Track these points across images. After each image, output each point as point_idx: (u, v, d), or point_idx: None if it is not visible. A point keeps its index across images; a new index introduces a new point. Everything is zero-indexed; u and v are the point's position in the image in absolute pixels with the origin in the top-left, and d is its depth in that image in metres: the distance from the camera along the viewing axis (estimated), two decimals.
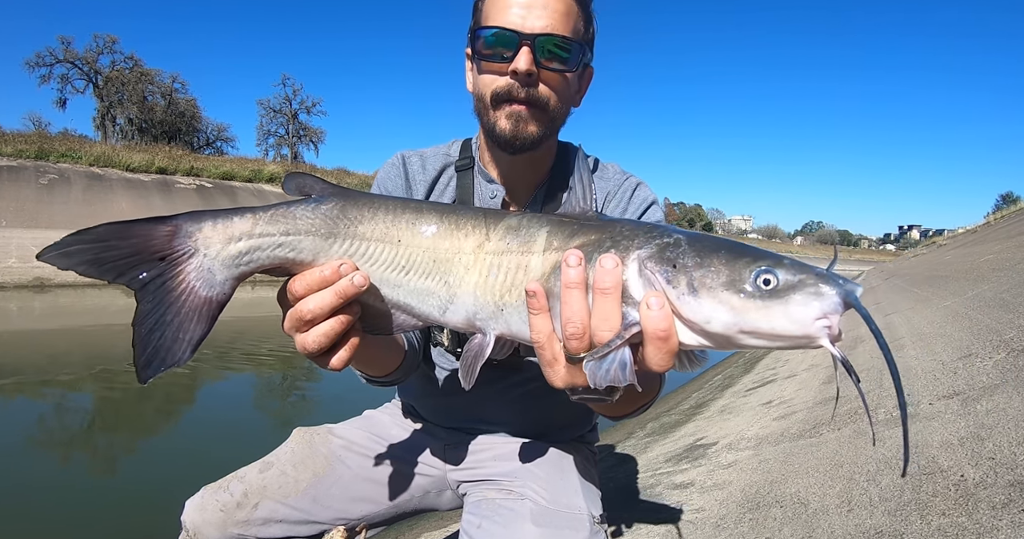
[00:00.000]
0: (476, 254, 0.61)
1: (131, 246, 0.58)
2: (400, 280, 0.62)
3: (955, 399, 2.06)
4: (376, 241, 0.62)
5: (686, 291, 0.50)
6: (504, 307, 0.60)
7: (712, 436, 2.87)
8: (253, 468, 1.06)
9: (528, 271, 0.58)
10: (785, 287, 0.47)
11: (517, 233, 0.60)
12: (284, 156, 32.32)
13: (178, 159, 18.77)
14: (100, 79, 27.16)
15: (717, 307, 0.49)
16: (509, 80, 0.89)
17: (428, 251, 0.61)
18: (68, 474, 3.14)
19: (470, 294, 0.61)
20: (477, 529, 0.96)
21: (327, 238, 0.61)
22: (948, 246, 16.95)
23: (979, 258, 7.62)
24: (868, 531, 1.34)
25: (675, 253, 0.52)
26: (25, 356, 6.03)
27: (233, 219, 0.60)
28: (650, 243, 0.53)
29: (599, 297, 0.52)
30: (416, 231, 0.62)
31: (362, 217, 0.62)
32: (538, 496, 0.97)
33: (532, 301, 0.55)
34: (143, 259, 0.58)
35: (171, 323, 0.58)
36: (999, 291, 4.16)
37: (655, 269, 0.52)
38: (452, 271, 0.61)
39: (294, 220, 0.61)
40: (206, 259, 0.59)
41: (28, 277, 11.40)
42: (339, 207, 0.62)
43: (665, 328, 0.49)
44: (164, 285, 0.58)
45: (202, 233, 0.59)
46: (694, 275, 0.50)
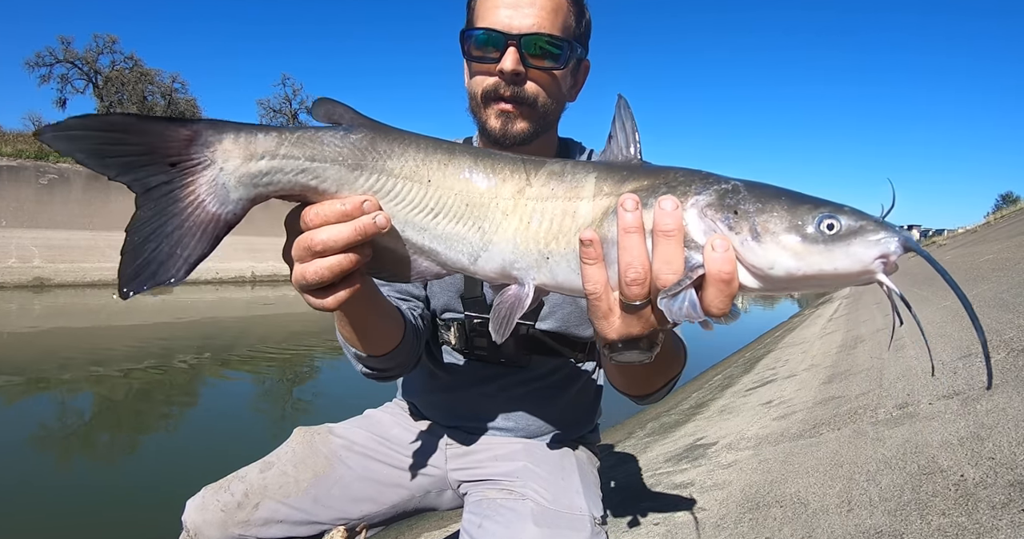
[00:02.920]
0: (516, 199, 0.57)
1: (142, 144, 0.52)
2: (427, 223, 0.58)
3: (955, 399, 2.06)
4: (404, 179, 0.58)
5: (749, 237, 0.50)
6: (550, 255, 0.57)
7: (712, 436, 2.87)
8: (254, 468, 1.06)
9: (576, 217, 0.56)
10: (847, 232, 0.48)
11: (562, 178, 0.57)
12: None
13: None
14: (100, 79, 27.16)
15: (781, 252, 0.49)
16: (497, 79, 0.90)
17: (461, 194, 0.58)
18: (68, 474, 3.14)
19: (509, 241, 0.57)
20: (478, 529, 0.96)
21: (353, 169, 0.57)
22: (948, 246, 16.95)
23: (979, 258, 7.63)
24: (868, 531, 1.34)
25: (735, 199, 0.51)
26: (25, 356, 6.03)
27: (258, 135, 0.55)
28: (708, 188, 0.52)
29: (661, 239, 0.51)
30: (448, 172, 0.58)
31: (392, 152, 0.58)
32: (539, 496, 0.97)
33: (587, 250, 0.53)
34: (153, 160, 0.53)
35: (170, 235, 0.53)
36: (999, 291, 4.16)
37: (716, 215, 0.51)
38: (488, 216, 0.58)
39: (321, 145, 0.56)
40: (222, 173, 0.54)
41: (28, 277, 11.40)
42: (369, 138, 0.58)
43: (729, 270, 0.49)
44: (171, 193, 0.53)
45: (222, 145, 0.54)
46: (756, 221, 0.50)
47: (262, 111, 33.81)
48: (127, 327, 8.14)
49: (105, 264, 12.70)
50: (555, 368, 1.08)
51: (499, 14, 0.88)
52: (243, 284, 14.17)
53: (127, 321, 8.69)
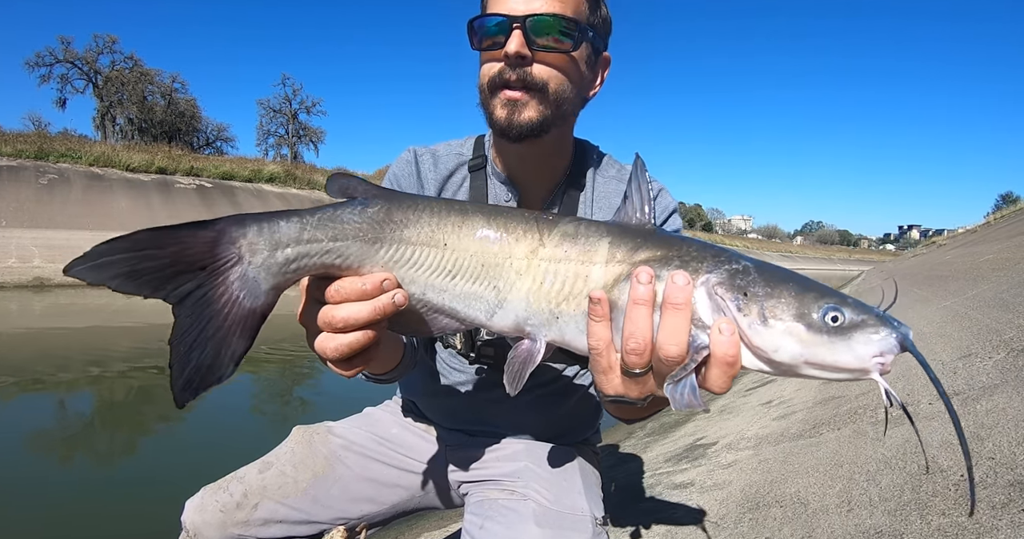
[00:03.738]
0: (529, 259, 0.59)
1: (169, 255, 0.53)
2: (446, 284, 0.61)
3: (955, 399, 2.06)
4: (422, 245, 0.60)
5: (756, 320, 0.51)
6: (560, 315, 0.59)
7: (712, 436, 2.87)
8: (252, 468, 1.06)
9: (588, 281, 0.58)
10: (850, 325, 0.50)
11: (575, 241, 0.59)
12: (284, 156, 32.30)
13: (178, 159, 18.74)
14: (100, 79, 27.15)
15: (786, 338, 0.51)
16: (503, 65, 0.86)
17: (476, 255, 0.60)
18: (67, 474, 3.14)
19: (522, 300, 0.60)
20: (479, 530, 0.96)
21: (373, 243, 0.59)
22: (948, 246, 16.95)
23: (979, 258, 7.62)
24: (868, 531, 1.34)
25: (745, 281, 0.53)
26: (25, 356, 6.03)
27: (280, 224, 0.56)
28: (719, 268, 0.54)
29: (669, 312, 0.52)
30: (462, 234, 0.60)
31: (407, 220, 0.60)
32: (541, 497, 0.97)
33: (595, 308, 0.55)
34: (182, 269, 0.53)
35: (212, 338, 0.54)
36: (999, 291, 4.16)
37: (726, 295, 0.52)
38: (502, 276, 0.60)
39: (342, 224, 0.58)
40: (251, 267, 0.55)
41: (28, 277, 11.39)
42: (384, 210, 0.59)
43: (734, 354, 0.51)
44: (205, 297, 0.54)
45: (247, 239, 0.55)
46: (765, 305, 0.51)
47: (262, 111, 33.80)
48: (127, 327, 8.13)
49: None
50: (558, 376, 1.07)
51: (507, 3, 0.85)
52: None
53: (127, 321, 8.68)
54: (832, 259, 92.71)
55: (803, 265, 70.84)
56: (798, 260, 77.77)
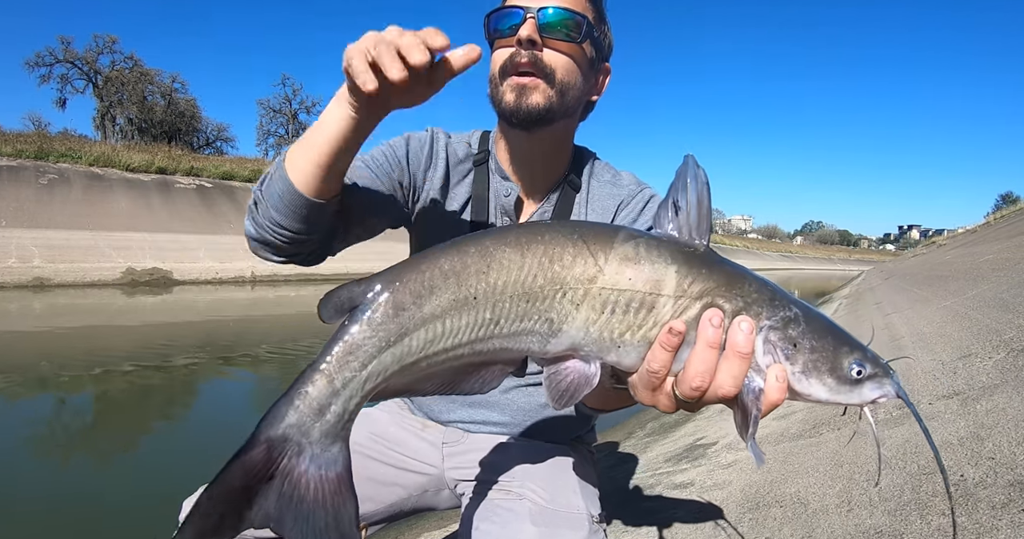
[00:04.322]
0: (587, 288, 0.55)
1: (239, 490, 0.52)
2: (492, 333, 0.56)
3: (955, 399, 2.06)
4: (451, 313, 0.54)
5: (799, 370, 0.57)
6: (621, 344, 0.57)
7: (712, 436, 2.87)
8: None
9: (655, 313, 0.56)
10: (865, 377, 0.58)
11: (639, 267, 0.56)
12: None
13: (178, 159, 18.75)
14: (100, 79, 27.15)
15: (820, 387, 0.58)
16: (515, 49, 0.91)
17: (517, 295, 0.55)
18: (66, 475, 3.14)
19: (580, 330, 0.57)
20: (476, 530, 0.96)
21: (401, 339, 0.54)
22: (948, 246, 16.95)
23: (979, 258, 7.62)
24: (868, 531, 1.34)
25: (797, 332, 0.57)
26: (25, 356, 6.03)
27: (308, 391, 0.53)
28: (776, 315, 0.58)
29: (734, 358, 0.56)
30: (492, 278, 0.54)
31: (421, 297, 0.54)
32: (536, 496, 0.97)
33: (672, 339, 0.55)
34: (257, 490, 0.52)
35: (328, 524, 0.53)
36: (999, 291, 4.16)
37: (779, 344, 0.57)
38: (555, 308, 0.55)
39: (361, 349, 0.53)
40: (312, 445, 0.53)
41: (28, 277, 11.39)
42: (391, 303, 0.54)
43: (783, 399, 0.57)
44: (294, 493, 0.53)
45: (292, 428, 0.53)
46: (810, 358, 0.57)
47: (262, 111, 33.81)
48: (127, 327, 8.13)
49: (105, 264, 12.70)
50: None
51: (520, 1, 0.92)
52: (243, 284, 14.16)
53: (127, 321, 8.69)
54: (832, 259, 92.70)
55: (803, 265, 70.80)
56: (798, 260, 77.73)
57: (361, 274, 0.60)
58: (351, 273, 11.64)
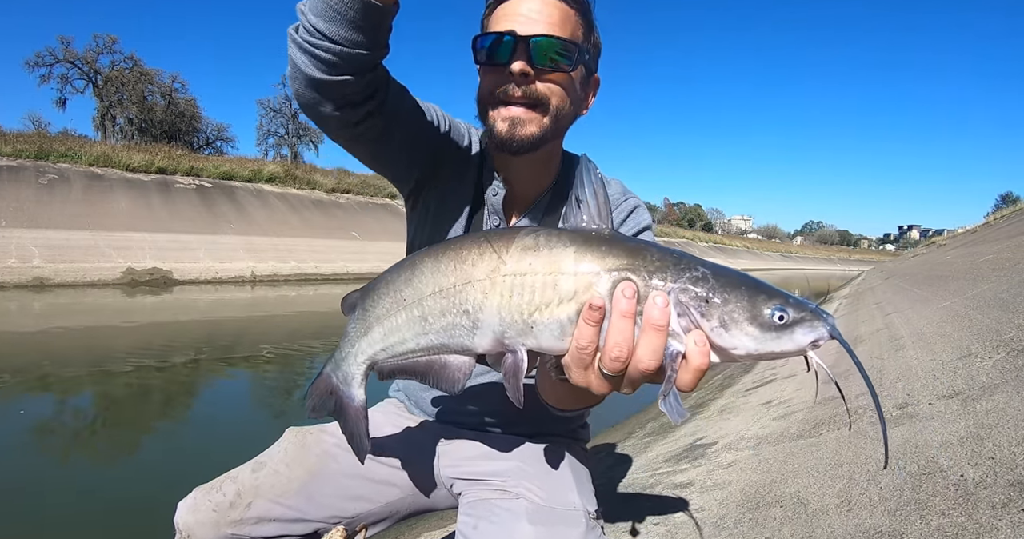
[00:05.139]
0: (492, 277, 0.63)
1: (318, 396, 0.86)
2: (426, 329, 0.68)
3: (955, 399, 2.06)
4: (393, 312, 0.71)
5: (718, 325, 0.58)
6: (534, 325, 0.62)
7: (712, 436, 2.87)
8: (246, 468, 1.06)
9: (558, 289, 0.61)
10: (792, 321, 0.58)
11: (539, 253, 0.62)
12: (284, 156, 32.30)
13: (178, 159, 18.74)
14: (100, 79, 27.13)
15: (743, 338, 0.58)
16: (505, 81, 0.91)
17: (436, 293, 0.66)
18: (66, 474, 3.14)
19: (494, 315, 0.63)
20: (473, 530, 0.96)
21: (368, 331, 0.75)
22: (948, 246, 16.95)
23: (979, 258, 7.62)
24: (868, 531, 1.34)
25: (706, 288, 0.58)
26: (25, 356, 6.03)
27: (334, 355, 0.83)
28: (682, 277, 0.59)
29: (650, 331, 0.57)
30: (416, 283, 0.68)
31: (374, 301, 0.73)
32: (533, 494, 0.98)
33: (593, 314, 0.58)
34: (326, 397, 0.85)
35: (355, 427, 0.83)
36: (999, 291, 4.16)
37: (690, 303, 0.58)
38: (468, 300, 0.64)
39: (349, 336, 0.78)
40: (342, 385, 0.82)
41: (28, 277, 11.39)
42: (361, 306, 0.76)
43: (707, 362, 0.57)
44: (340, 406, 0.83)
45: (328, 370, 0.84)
46: (724, 310, 0.58)
47: (262, 111, 33.78)
48: (127, 327, 8.13)
49: (105, 264, 12.70)
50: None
51: (509, 22, 0.91)
52: (243, 284, 14.15)
53: (127, 321, 8.69)
54: (832, 259, 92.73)
55: (803, 265, 70.82)
56: (798, 260, 77.76)
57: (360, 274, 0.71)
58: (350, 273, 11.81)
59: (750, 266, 48.73)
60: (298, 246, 16.43)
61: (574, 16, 0.94)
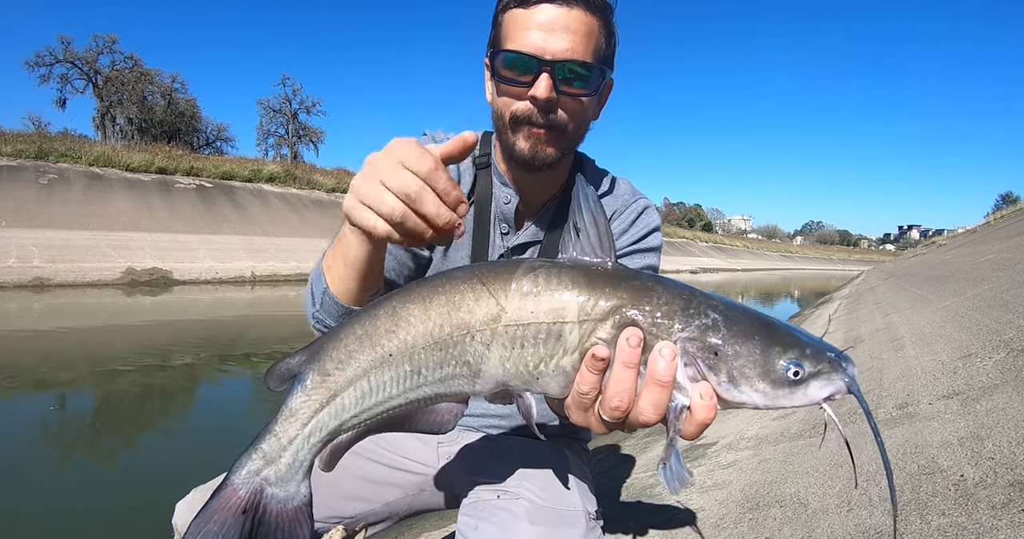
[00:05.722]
0: (493, 328, 0.57)
1: (218, 522, 0.61)
2: (417, 382, 0.60)
3: (955, 399, 2.06)
4: (372, 371, 0.60)
5: (726, 379, 0.54)
6: (540, 376, 0.59)
7: (712, 436, 2.87)
8: None
9: (563, 340, 0.57)
10: (807, 376, 0.54)
11: (539, 299, 0.57)
12: (284, 156, 32.29)
13: (178, 159, 18.76)
14: (100, 79, 27.13)
15: (753, 394, 0.54)
16: (529, 105, 0.90)
17: (429, 346, 0.59)
18: (63, 475, 3.14)
19: (498, 367, 0.59)
20: (474, 531, 0.96)
21: (333, 400, 0.61)
22: (948, 246, 16.94)
23: (979, 258, 7.62)
24: (868, 531, 1.34)
25: (716, 338, 0.54)
26: (25, 356, 6.03)
27: (262, 447, 0.62)
28: (691, 324, 0.55)
29: (655, 386, 0.54)
30: (402, 335, 0.59)
31: (342, 363, 0.61)
32: (533, 495, 0.98)
33: (597, 363, 0.56)
34: (236, 521, 0.62)
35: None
36: (999, 291, 4.16)
37: (697, 354, 0.54)
38: (468, 351, 0.58)
39: (299, 413, 0.62)
40: (271, 488, 0.63)
41: (28, 277, 11.39)
42: (317, 371, 0.61)
43: (713, 416, 0.54)
44: (261, 524, 0.64)
45: (251, 474, 0.63)
46: (734, 365, 0.54)
47: (262, 111, 33.78)
48: (127, 327, 8.13)
49: (105, 264, 12.70)
50: None
51: (531, 36, 0.87)
52: (243, 284, 14.14)
53: (127, 321, 8.69)
54: (832, 259, 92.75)
55: (803, 265, 70.81)
56: (798, 260, 77.77)
57: None
58: None
59: (750, 266, 48.52)
60: (298, 246, 16.44)
61: (597, 27, 0.90)
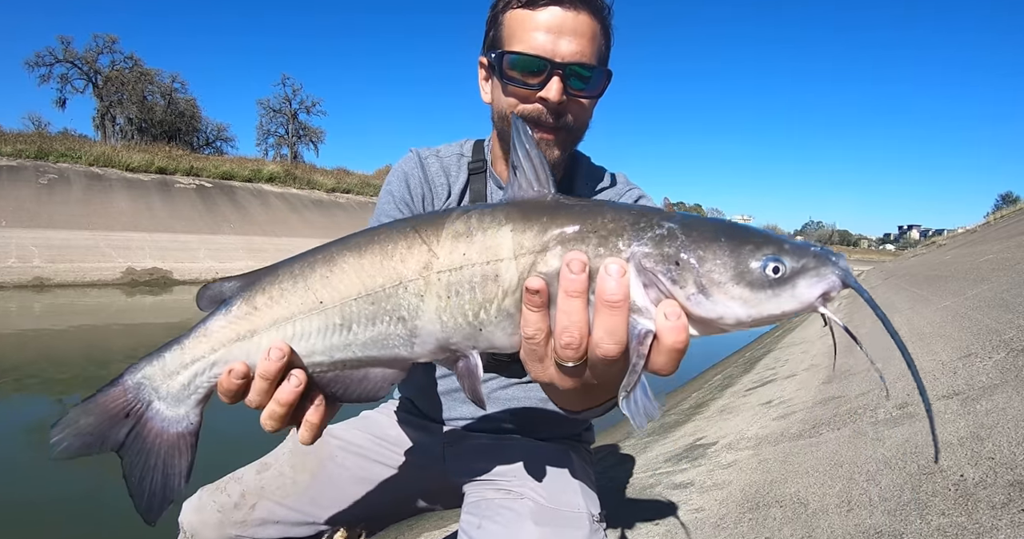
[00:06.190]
0: (425, 276, 0.53)
1: (99, 415, 0.61)
2: (347, 340, 0.56)
3: (955, 399, 2.06)
4: (300, 315, 0.56)
5: (695, 291, 0.46)
6: (482, 325, 0.53)
7: (712, 436, 2.87)
8: (250, 469, 1.06)
9: (499, 281, 0.51)
10: (792, 273, 0.46)
11: (472, 239, 0.52)
12: (284, 156, 32.28)
13: (178, 159, 18.75)
14: (100, 79, 27.12)
15: (731, 303, 0.46)
16: (538, 107, 0.91)
17: (361, 296, 0.54)
18: (66, 474, 3.13)
19: (434, 321, 0.53)
20: (477, 530, 0.96)
21: (251, 337, 0.57)
22: (948, 246, 16.93)
23: (979, 258, 7.62)
24: (868, 531, 1.34)
25: (674, 246, 0.47)
26: (25, 356, 6.02)
27: (164, 355, 0.60)
28: (642, 237, 0.48)
29: (606, 311, 0.47)
30: (334, 282, 0.55)
31: (272, 298, 0.57)
32: (537, 495, 0.98)
33: (533, 298, 0.50)
34: (114, 423, 0.61)
35: (156, 466, 0.62)
36: (999, 291, 4.16)
37: (656, 268, 0.47)
38: (402, 305, 0.53)
39: (213, 336, 0.58)
40: (159, 402, 0.61)
41: (28, 277, 11.39)
42: (245, 301, 0.58)
43: (684, 339, 0.47)
44: (138, 436, 0.62)
45: (145, 379, 0.61)
46: (701, 272, 0.46)
47: (262, 111, 33.76)
48: (127, 327, 8.13)
49: (105, 264, 12.70)
50: None
51: (538, 38, 0.88)
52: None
53: (127, 321, 8.68)
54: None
55: None
56: None
57: None
58: None
59: None
60: (298, 246, 16.32)
61: (598, 29, 0.91)
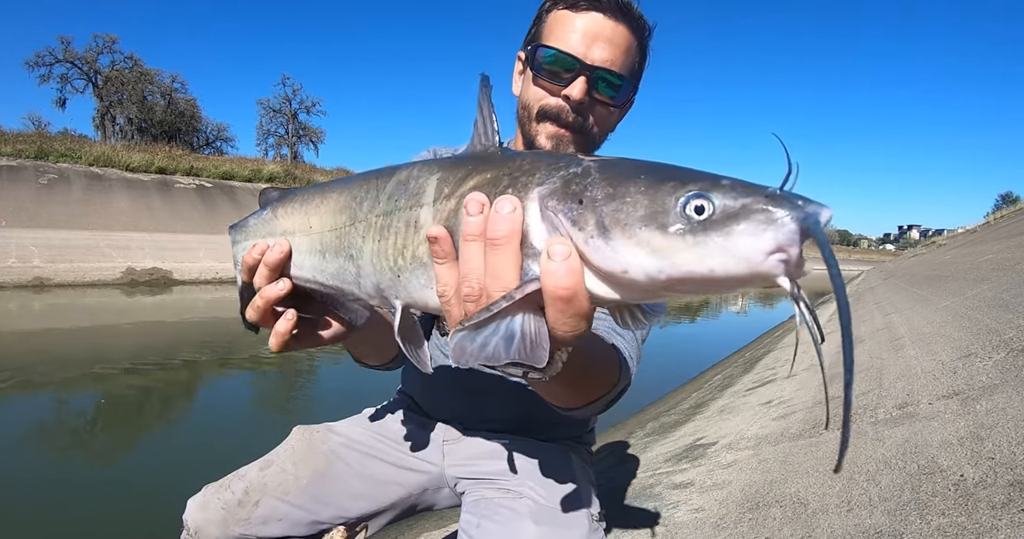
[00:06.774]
0: (367, 219, 0.55)
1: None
2: (321, 265, 0.62)
3: (955, 399, 2.06)
4: (297, 232, 0.64)
5: (595, 232, 0.38)
6: (400, 272, 0.51)
7: (712, 436, 2.87)
8: (254, 466, 1.07)
9: (418, 226, 0.49)
10: (724, 215, 0.35)
11: (406, 186, 0.53)
12: (284, 156, 32.29)
13: (178, 159, 18.75)
14: (100, 79, 27.12)
15: (635, 250, 0.37)
16: (561, 102, 0.93)
17: (334, 229, 0.60)
18: (69, 474, 3.14)
19: (370, 264, 0.55)
20: (476, 528, 0.96)
21: (267, 237, 0.68)
22: (948, 246, 16.94)
23: (979, 258, 7.62)
24: (868, 531, 1.34)
25: (582, 185, 0.40)
26: (25, 356, 6.03)
27: (233, 229, 0.79)
28: (552, 176, 0.42)
29: (490, 250, 0.42)
30: (322, 211, 0.62)
31: (285, 212, 0.67)
32: (536, 494, 0.98)
33: (435, 248, 0.46)
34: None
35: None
36: (999, 291, 4.16)
37: (558, 207, 0.40)
38: (352, 243, 0.57)
39: (247, 229, 0.74)
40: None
41: (28, 277, 11.39)
42: (272, 209, 0.70)
43: (568, 285, 0.38)
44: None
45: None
46: (604, 211, 0.38)
47: (262, 111, 33.77)
48: (127, 327, 8.13)
49: (105, 264, 12.70)
50: None
51: (574, 39, 0.91)
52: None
53: (127, 321, 8.69)
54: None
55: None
56: None
57: None
58: None
59: None
60: None
61: (635, 46, 0.94)
